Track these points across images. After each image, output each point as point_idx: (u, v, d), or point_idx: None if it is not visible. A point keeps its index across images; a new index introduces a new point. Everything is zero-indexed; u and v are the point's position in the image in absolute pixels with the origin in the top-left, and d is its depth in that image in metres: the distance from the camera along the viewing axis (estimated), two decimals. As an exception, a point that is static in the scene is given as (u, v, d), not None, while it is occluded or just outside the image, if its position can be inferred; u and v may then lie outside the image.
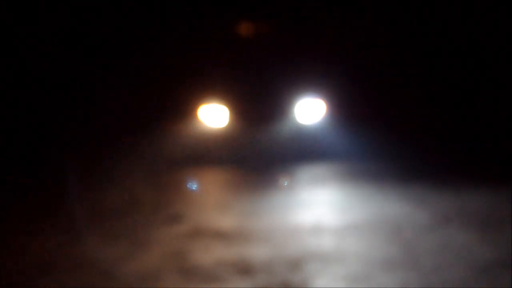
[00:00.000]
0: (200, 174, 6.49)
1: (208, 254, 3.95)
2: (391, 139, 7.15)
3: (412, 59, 8.01)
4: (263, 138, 6.95)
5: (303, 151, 6.92)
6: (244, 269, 3.68)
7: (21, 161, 6.72)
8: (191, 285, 3.47)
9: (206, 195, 5.83)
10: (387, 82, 7.91)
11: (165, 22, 7.66)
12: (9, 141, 7.15)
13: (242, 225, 4.60)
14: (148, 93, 7.58)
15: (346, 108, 7.23)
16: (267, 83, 7.11)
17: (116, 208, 5.15)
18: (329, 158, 6.88)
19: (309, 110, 7.09)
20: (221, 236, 4.35)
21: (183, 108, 7.11)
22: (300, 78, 7.16)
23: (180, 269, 3.70)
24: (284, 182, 6.16)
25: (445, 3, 8.00)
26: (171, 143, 6.94)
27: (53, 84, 7.81)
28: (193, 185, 6.07)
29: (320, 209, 5.02)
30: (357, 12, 7.78)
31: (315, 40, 7.40)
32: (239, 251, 4.01)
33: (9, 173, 6.33)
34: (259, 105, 7.08)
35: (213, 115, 7.04)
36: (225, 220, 4.76)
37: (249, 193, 5.65)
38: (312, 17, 7.44)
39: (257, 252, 3.96)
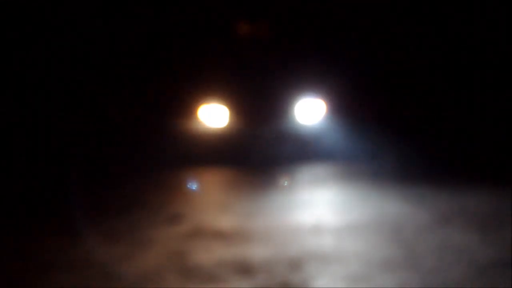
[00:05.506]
0: (200, 174, 6.49)
1: (208, 254, 3.95)
2: (391, 139, 7.15)
3: (412, 59, 8.01)
4: (263, 138, 6.95)
5: (303, 151, 6.92)
6: (244, 269, 3.68)
7: (21, 161, 6.72)
8: (191, 285, 3.47)
9: (206, 195, 5.83)
10: (387, 82, 7.91)
11: (165, 22, 7.66)
12: (9, 141, 7.15)
13: (242, 225, 4.60)
14: (148, 93, 7.59)
15: (346, 108, 7.23)
16: (267, 83, 7.11)
17: (116, 208, 5.15)
18: (329, 158, 6.88)
19: (309, 110, 7.09)
20: (221, 236, 4.35)
21: (183, 108, 7.11)
22: (300, 78, 7.16)
23: (180, 269, 3.70)
24: (284, 182, 6.16)
25: (444, 3, 8.00)
26: (171, 143, 6.94)
27: (53, 83, 7.80)
28: (193, 185, 6.07)
29: (320, 209, 5.02)
30: (357, 12, 7.78)
31: (315, 40, 7.40)
32: (239, 251, 4.01)
33: (9, 173, 6.33)
34: (259, 105, 7.08)
35: (213, 115, 7.04)
36: (225, 220, 4.76)
37: (249, 193, 5.65)
38: (312, 17, 7.45)
39: (257, 252, 3.96)
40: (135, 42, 7.81)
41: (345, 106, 7.23)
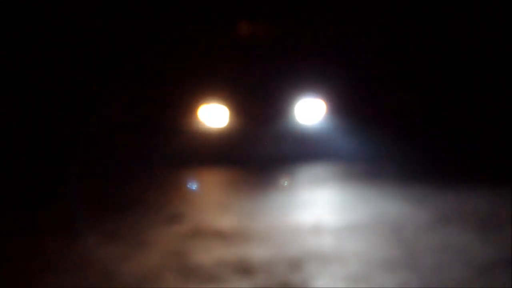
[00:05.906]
0: (200, 174, 6.49)
1: (208, 254, 3.95)
2: (391, 139, 7.15)
3: (412, 59, 8.01)
4: (263, 138, 6.95)
5: (303, 151, 6.92)
6: (244, 269, 3.68)
7: (21, 161, 6.72)
8: (191, 285, 3.47)
9: (206, 195, 5.83)
10: (387, 82, 7.91)
11: (166, 22, 7.66)
12: (9, 141, 7.15)
13: (242, 225, 4.60)
14: (148, 93, 7.59)
15: (346, 108, 7.23)
16: (267, 83, 7.12)
17: (116, 208, 5.15)
18: (329, 158, 6.88)
19: (309, 110, 7.09)
20: (221, 236, 4.35)
21: (183, 108, 7.11)
22: (300, 78, 7.16)
23: (180, 269, 3.70)
24: (284, 182, 6.16)
25: (444, 3, 8.00)
26: (171, 143, 6.94)
27: (53, 83, 7.80)
28: (193, 185, 6.07)
29: (320, 209, 5.02)
30: (357, 12, 7.78)
31: (315, 40, 7.40)
32: (239, 251, 4.01)
33: (9, 173, 6.33)
34: (259, 105, 7.08)
35: (213, 115, 7.04)
36: (225, 220, 4.76)
37: (249, 193, 5.65)
38: (312, 17, 7.45)
39: (257, 252, 3.96)
40: (135, 42, 7.81)
41: (345, 106, 7.23)
